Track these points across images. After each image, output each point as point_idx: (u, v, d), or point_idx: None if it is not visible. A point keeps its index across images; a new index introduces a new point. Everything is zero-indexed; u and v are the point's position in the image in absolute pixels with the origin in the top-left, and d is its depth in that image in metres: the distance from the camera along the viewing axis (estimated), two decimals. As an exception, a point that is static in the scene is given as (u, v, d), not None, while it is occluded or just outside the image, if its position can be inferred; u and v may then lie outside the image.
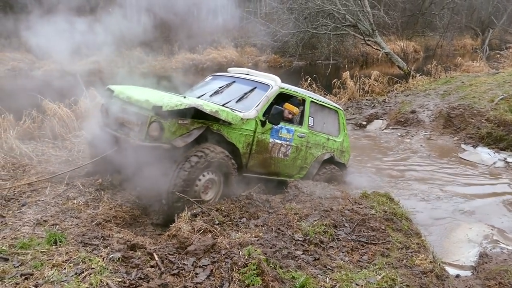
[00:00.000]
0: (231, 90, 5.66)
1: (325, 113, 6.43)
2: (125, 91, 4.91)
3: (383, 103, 12.58)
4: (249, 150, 5.16)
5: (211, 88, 5.86)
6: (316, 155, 6.22)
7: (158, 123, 4.26)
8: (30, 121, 7.42)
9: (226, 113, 4.70)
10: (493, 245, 5.03)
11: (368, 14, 17.28)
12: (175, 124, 4.30)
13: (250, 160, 5.23)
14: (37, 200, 4.31)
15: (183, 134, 4.38)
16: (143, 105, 4.43)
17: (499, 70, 14.99)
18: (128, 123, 4.66)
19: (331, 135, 6.52)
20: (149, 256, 3.16)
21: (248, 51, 27.08)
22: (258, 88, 5.53)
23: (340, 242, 3.99)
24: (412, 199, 6.48)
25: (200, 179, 4.51)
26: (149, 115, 4.35)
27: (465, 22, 35.12)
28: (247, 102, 5.33)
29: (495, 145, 8.89)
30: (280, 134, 5.53)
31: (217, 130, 4.72)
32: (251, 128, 5.09)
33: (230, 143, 4.86)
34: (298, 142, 5.84)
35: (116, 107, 4.90)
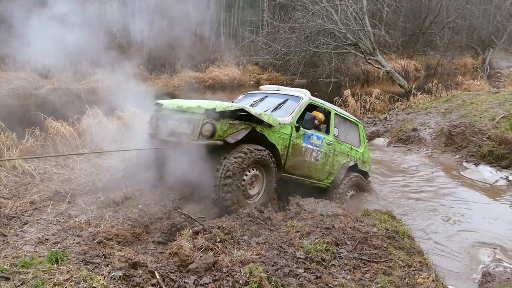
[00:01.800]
0: (265, 103, 6.22)
1: (347, 125, 7.03)
2: (175, 102, 5.57)
3: (385, 121, 12.63)
4: (286, 152, 5.65)
5: (246, 103, 6.29)
6: (342, 162, 6.74)
7: (210, 123, 4.80)
8: (33, 140, 7.46)
9: (267, 116, 5.30)
10: (496, 264, 5.00)
11: (369, 33, 17.48)
12: (227, 123, 4.83)
13: (287, 162, 5.71)
14: (39, 218, 4.32)
15: (233, 133, 4.89)
16: (196, 110, 5.01)
17: (499, 89, 15.07)
18: (179, 128, 5.19)
19: (354, 145, 7.09)
20: (150, 274, 3.16)
21: (250, 69, 27.28)
22: (290, 99, 6.10)
23: (342, 260, 3.97)
24: (414, 217, 6.45)
25: (247, 174, 5.01)
26: (201, 118, 4.90)
27: (466, 42, 35.42)
28: (281, 111, 5.87)
29: (497, 163, 8.87)
30: (312, 140, 6.07)
31: (261, 131, 5.21)
32: (287, 132, 5.61)
33: (271, 144, 5.34)
34: (327, 149, 6.38)
35: (166, 117, 5.51)
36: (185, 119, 5.17)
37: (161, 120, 5.62)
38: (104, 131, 8.56)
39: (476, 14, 34.69)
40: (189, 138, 4.95)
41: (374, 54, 17.57)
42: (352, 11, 17.89)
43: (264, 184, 5.32)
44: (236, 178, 4.79)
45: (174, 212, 4.94)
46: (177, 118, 5.33)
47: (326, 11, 18.41)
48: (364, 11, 18.06)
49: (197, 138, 4.87)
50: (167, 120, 5.50)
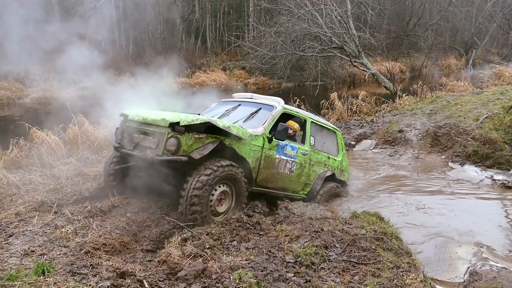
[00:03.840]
0: (237, 112, 6.04)
1: (324, 133, 6.81)
2: (140, 113, 5.25)
3: (371, 123, 12.72)
4: (258, 165, 5.47)
5: (218, 111, 6.22)
6: (318, 172, 6.52)
7: (175, 138, 4.58)
8: (17, 150, 7.37)
9: (237, 128, 5.08)
10: (482, 263, 5.03)
11: (354, 36, 17.64)
12: (192, 138, 4.63)
13: (259, 175, 5.52)
14: (24, 230, 4.26)
15: (198, 147, 4.70)
16: (160, 123, 4.76)
17: (483, 89, 15.30)
18: (144, 142, 4.96)
19: (331, 154, 6.86)
20: (139, 283, 3.13)
21: (237, 74, 27.37)
22: (263, 108, 5.91)
23: (331, 263, 3.98)
24: (402, 218, 6.48)
25: (214, 193, 4.83)
26: (166, 132, 4.67)
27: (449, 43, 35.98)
28: (253, 121, 5.70)
29: (481, 163, 8.99)
30: (285, 151, 5.85)
31: (229, 144, 5.02)
32: (259, 144, 5.42)
33: (241, 158, 5.16)
34: (302, 159, 6.15)
35: (132, 129, 5.27)
36: (150, 133, 4.94)
37: (126, 132, 5.36)
38: (90, 140, 8.49)
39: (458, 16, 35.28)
40: (154, 153, 4.71)
41: (360, 57, 17.73)
42: (337, 15, 18.05)
43: (234, 200, 5.14)
44: (203, 197, 4.59)
45: (163, 220, 4.92)
46: (142, 130, 5.08)
47: (311, 15, 18.56)
48: (348, 14, 18.24)
49: (162, 153, 4.64)
50: (132, 133, 5.25)
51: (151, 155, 4.66)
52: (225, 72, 27.09)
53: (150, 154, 4.69)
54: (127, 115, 5.42)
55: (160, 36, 29.87)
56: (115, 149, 5.41)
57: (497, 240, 5.75)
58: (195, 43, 32.67)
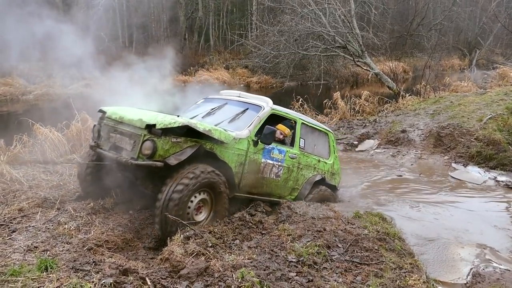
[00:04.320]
0: (223, 112, 5.71)
1: (315, 135, 6.48)
2: (118, 111, 4.92)
3: (374, 123, 12.70)
4: (242, 169, 5.15)
5: (203, 110, 5.91)
6: (307, 176, 6.21)
7: (151, 141, 4.25)
8: (21, 146, 7.38)
9: (219, 132, 4.73)
10: (485, 264, 5.02)
11: (357, 36, 17.61)
12: (168, 142, 4.30)
13: (242, 180, 5.21)
14: (27, 226, 4.27)
15: (176, 152, 4.36)
16: (136, 124, 4.45)
17: (486, 90, 15.26)
18: (121, 142, 4.66)
19: (322, 157, 6.54)
20: (141, 280, 3.13)
21: (239, 72, 27.36)
22: (250, 109, 5.58)
23: (334, 263, 3.98)
24: (404, 218, 6.48)
25: (193, 200, 4.48)
26: (142, 134, 4.35)
27: (453, 43, 35.92)
28: (239, 122, 5.37)
29: (485, 163, 8.97)
30: (272, 155, 5.55)
31: (210, 149, 4.71)
32: (243, 148, 5.10)
33: (223, 162, 4.85)
34: (290, 163, 5.85)
35: (109, 128, 4.95)
36: (126, 133, 4.61)
37: (103, 130, 5.07)
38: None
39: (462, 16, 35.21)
40: (129, 155, 4.40)
41: (363, 57, 17.70)
42: (340, 14, 18.02)
43: (213, 207, 4.77)
44: (179, 208, 4.23)
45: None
46: (119, 130, 4.76)
47: (315, 14, 18.53)
48: (352, 13, 18.21)
49: (137, 157, 4.31)
50: (109, 131, 4.93)
51: (125, 158, 4.36)
52: (227, 71, 27.09)
53: (125, 157, 4.40)
54: (105, 112, 5.13)
55: (163, 34, 29.87)
56: (91, 148, 5.14)
57: (500, 242, 5.74)
58: (198, 42, 32.67)
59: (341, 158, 9.89)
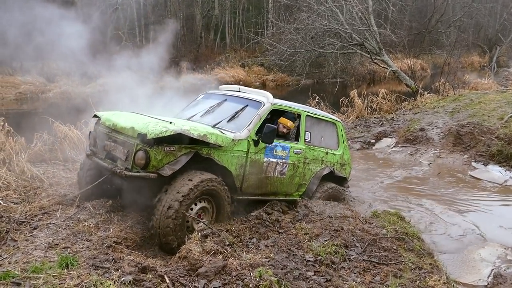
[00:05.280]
0: (222, 109, 5.52)
1: (322, 126, 6.25)
2: (111, 118, 4.78)
3: (392, 121, 12.57)
4: (243, 171, 4.96)
5: (202, 107, 5.75)
6: (315, 170, 6.01)
7: (144, 151, 4.11)
8: (41, 144, 7.49)
9: (215, 136, 4.53)
10: (507, 265, 4.94)
11: (375, 33, 17.44)
12: (161, 151, 4.14)
13: (244, 182, 5.03)
14: (48, 223, 4.33)
15: (170, 161, 4.21)
16: (129, 132, 4.33)
17: (507, 88, 14.97)
18: (115, 151, 4.53)
19: (330, 148, 6.32)
20: (160, 278, 3.16)
21: (255, 70, 27.36)
22: (249, 106, 5.36)
23: (352, 263, 3.95)
24: (423, 218, 6.41)
25: (192, 209, 4.34)
26: (134, 143, 4.22)
27: (472, 40, 35.29)
28: (238, 121, 5.17)
29: (506, 162, 8.79)
30: (275, 152, 5.34)
31: (207, 154, 4.54)
32: (243, 149, 4.91)
33: (222, 167, 4.67)
34: (295, 159, 5.65)
35: (103, 135, 4.81)
36: (120, 142, 4.47)
37: (98, 137, 4.90)
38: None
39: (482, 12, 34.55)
40: (124, 165, 4.29)
41: (380, 54, 17.52)
42: (358, 11, 17.85)
43: (215, 214, 4.62)
44: (178, 218, 4.09)
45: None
46: (113, 138, 4.61)
47: (331, 11, 18.40)
48: (369, 10, 18.02)
49: (131, 167, 4.19)
50: (104, 139, 4.77)
51: (120, 169, 4.23)
52: (243, 69, 27.10)
53: (119, 168, 4.27)
54: (100, 118, 4.99)
55: (179, 32, 30.02)
56: (87, 156, 4.99)
57: (522, 242, 5.63)
58: (214, 40, 32.76)
59: (357, 156, 9.82)
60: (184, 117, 5.62)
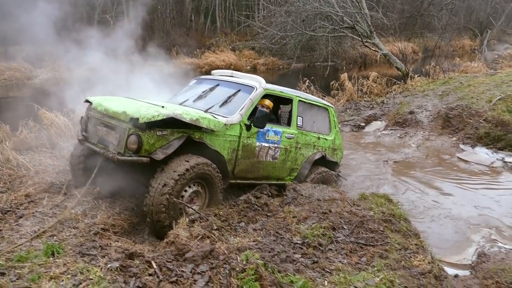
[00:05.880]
0: (214, 94, 5.54)
1: (314, 111, 6.30)
2: (103, 102, 4.76)
3: (382, 104, 12.59)
4: (235, 156, 5.01)
5: (195, 92, 5.75)
6: (306, 155, 6.09)
7: (136, 135, 4.11)
8: (27, 131, 7.40)
9: (207, 120, 4.55)
10: (491, 244, 5.05)
11: (366, 16, 17.31)
12: (154, 136, 4.16)
13: (237, 166, 5.10)
14: (34, 211, 4.30)
15: (162, 145, 4.24)
16: (121, 117, 4.32)
17: (497, 71, 15.02)
18: (107, 136, 4.53)
19: (322, 133, 6.39)
20: (147, 264, 3.15)
21: (246, 54, 27.13)
22: (242, 90, 5.38)
23: (339, 245, 3.98)
24: (411, 200, 6.47)
25: (183, 195, 4.35)
26: (127, 128, 4.22)
27: (464, 23, 35.19)
28: (231, 106, 5.19)
29: (493, 145, 8.88)
30: (267, 137, 5.38)
31: (199, 138, 4.56)
32: (235, 134, 4.94)
33: (214, 151, 4.70)
34: (287, 144, 5.71)
35: (95, 120, 4.79)
36: (112, 126, 4.46)
37: (90, 122, 4.89)
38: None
39: (474, -5, 34.41)
40: (116, 149, 4.29)
41: (371, 37, 17.43)
42: (349, -7, 17.69)
43: (207, 198, 4.65)
44: (170, 201, 4.11)
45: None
46: (105, 123, 4.60)
47: (323, -7, 18.22)
48: (361, -7, 17.86)
49: (124, 152, 4.20)
50: (96, 124, 4.75)
51: (112, 154, 4.23)
52: (234, 53, 26.85)
53: (112, 152, 4.28)
54: (91, 103, 4.97)
55: (169, 16, 29.60)
56: (79, 142, 4.98)
57: (506, 222, 5.74)
58: (204, 23, 32.38)
59: (347, 139, 9.85)
60: (177, 102, 5.61)
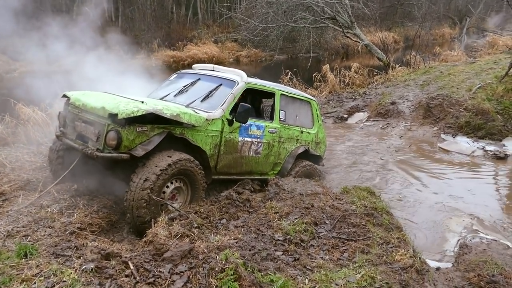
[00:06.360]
0: (196, 89, 5.45)
1: (296, 105, 6.27)
2: (81, 97, 4.64)
3: (364, 95, 12.62)
4: (217, 151, 4.96)
5: (176, 87, 5.66)
6: (290, 149, 6.06)
7: (115, 131, 4.02)
8: (3, 127, 7.21)
9: (188, 115, 4.47)
10: (472, 235, 5.06)
11: (347, 6, 17.28)
12: (133, 132, 4.07)
13: (219, 162, 5.04)
14: (8, 210, 4.17)
15: (143, 141, 4.15)
16: (99, 112, 4.22)
17: (476, 59, 15.17)
18: (86, 132, 4.43)
19: (305, 127, 6.37)
20: (124, 265, 3.07)
21: (228, 46, 26.92)
22: (223, 85, 5.30)
23: (321, 240, 3.95)
24: (393, 192, 6.49)
25: (165, 191, 4.27)
26: (106, 123, 4.13)
27: (443, 12, 35.46)
28: (212, 100, 5.11)
29: (473, 134, 8.98)
30: (250, 132, 5.34)
31: (180, 134, 4.48)
32: (217, 129, 4.88)
33: (196, 146, 4.63)
34: (270, 138, 5.67)
35: (73, 115, 4.68)
36: (90, 122, 4.36)
37: (68, 118, 4.77)
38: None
39: (453, -16, 34.68)
40: (95, 146, 4.20)
41: (352, 28, 17.42)
42: (329, -16, 17.61)
43: (189, 194, 4.57)
44: (153, 191, 4.03)
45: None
46: (83, 118, 4.48)
47: (304, -16, 18.11)
48: (341, -17, 17.81)
49: (103, 148, 4.11)
50: (74, 120, 4.63)
51: (91, 150, 4.15)
52: (217, 45, 26.57)
53: (90, 148, 4.20)
54: (69, 98, 4.83)
55: (149, 7, 29.14)
56: (57, 137, 4.87)
57: (487, 212, 5.79)
58: (186, 15, 31.98)
59: (330, 131, 9.84)
60: (157, 97, 5.52)
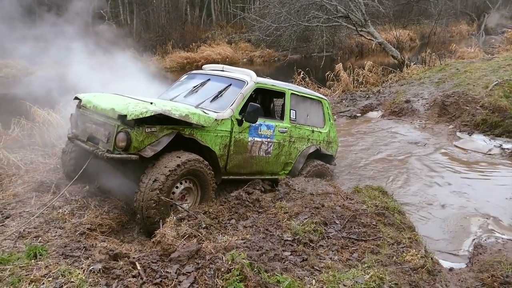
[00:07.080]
0: (205, 89, 5.48)
1: (307, 104, 6.24)
2: (92, 99, 4.71)
3: (378, 94, 12.49)
4: (227, 151, 4.96)
5: (186, 88, 5.70)
6: (300, 149, 6.03)
7: (125, 133, 4.07)
8: (19, 130, 7.33)
9: (197, 116, 4.48)
10: (488, 235, 4.94)
11: (360, 4, 17.14)
12: (142, 132, 4.10)
13: (229, 162, 5.04)
14: (21, 211, 4.23)
15: (152, 142, 4.17)
16: (109, 114, 4.28)
17: (494, 56, 14.88)
18: (97, 133, 4.49)
19: (316, 126, 6.34)
20: (131, 265, 3.09)
21: (242, 47, 27.00)
22: (233, 85, 5.30)
23: (330, 240, 3.91)
24: (406, 190, 6.40)
25: (175, 192, 4.30)
26: (115, 125, 4.18)
27: (460, 8, 34.90)
28: (222, 101, 5.12)
29: (490, 131, 8.78)
30: (260, 132, 5.32)
31: (190, 134, 4.50)
32: (227, 129, 4.88)
33: (205, 147, 4.63)
34: (280, 138, 5.65)
35: (84, 117, 4.76)
36: (101, 123, 4.44)
37: (79, 120, 4.87)
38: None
39: (470, -21, 34.09)
40: (105, 147, 4.26)
41: (366, 26, 17.27)
42: (342, -18, 17.50)
43: (199, 195, 4.59)
44: (163, 191, 4.06)
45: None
46: (94, 120, 4.57)
47: (316, -17, 18.01)
48: (354, -19, 17.67)
49: (113, 149, 4.15)
50: (85, 122, 4.73)
51: (101, 152, 4.20)
52: (230, 46, 26.68)
53: (101, 150, 4.25)
54: (81, 100, 4.92)
55: (164, 9, 29.36)
56: (69, 139, 4.95)
57: (503, 211, 5.65)
58: (199, 16, 32.14)
59: (342, 130, 9.76)
60: (168, 98, 5.57)
